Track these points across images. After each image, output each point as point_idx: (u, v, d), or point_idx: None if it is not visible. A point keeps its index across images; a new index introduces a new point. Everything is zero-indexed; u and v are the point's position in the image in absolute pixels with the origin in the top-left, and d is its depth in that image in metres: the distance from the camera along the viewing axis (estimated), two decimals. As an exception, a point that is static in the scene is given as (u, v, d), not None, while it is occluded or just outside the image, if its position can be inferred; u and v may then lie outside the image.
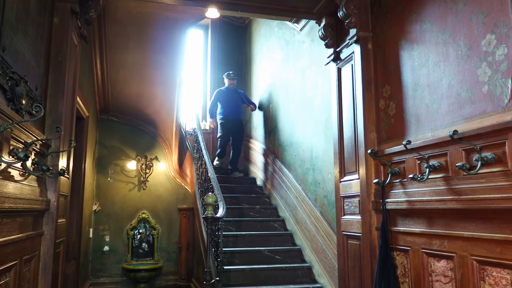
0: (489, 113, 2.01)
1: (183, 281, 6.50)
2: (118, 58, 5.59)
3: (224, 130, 6.61)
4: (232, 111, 6.58)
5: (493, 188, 1.90)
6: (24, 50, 2.29)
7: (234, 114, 6.60)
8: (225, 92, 6.67)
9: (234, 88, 6.68)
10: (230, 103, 6.59)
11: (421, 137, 2.47)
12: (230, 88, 6.66)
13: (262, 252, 4.59)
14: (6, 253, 2.02)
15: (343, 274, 3.20)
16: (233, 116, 6.58)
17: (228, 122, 6.55)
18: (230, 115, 6.56)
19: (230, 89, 6.66)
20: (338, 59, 3.39)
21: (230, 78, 6.67)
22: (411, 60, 2.65)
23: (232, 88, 6.67)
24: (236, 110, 6.63)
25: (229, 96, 6.63)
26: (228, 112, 6.57)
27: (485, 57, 2.04)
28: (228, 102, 6.60)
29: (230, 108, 6.56)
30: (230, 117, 6.55)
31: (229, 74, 6.70)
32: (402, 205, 2.54)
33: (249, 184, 6.43)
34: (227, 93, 6.65)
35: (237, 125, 6.64)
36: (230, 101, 6.60)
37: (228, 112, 6.57)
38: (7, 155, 1.96)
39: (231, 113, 6.57)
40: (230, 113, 6.57)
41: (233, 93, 6.65)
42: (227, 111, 6.58)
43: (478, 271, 2.02)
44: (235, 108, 6.62)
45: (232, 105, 6.58)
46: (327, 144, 4.12)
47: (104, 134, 6.87)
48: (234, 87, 6.69)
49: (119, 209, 6.75)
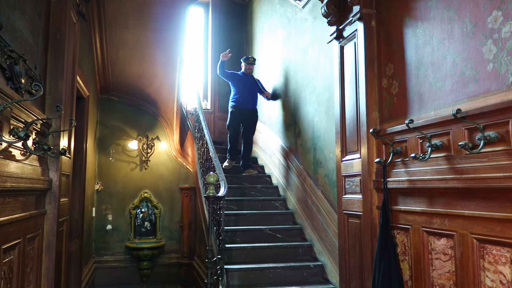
0: (493, 91, 1.98)
1: (185, 259, 6.60)
2: (118, 36, 5.52)
3: (235, 119, 5.88)
4: (247, 99, 5.90)
5: (495, 167, 1.90)
6: (22, 28, 2.25)
7: (248, 102, 5.92)
8: (241, 77, 5.99)
9: (251, 75, 6.07)
10: (245, 89, 5.92)
11: (423, 116, 2.45)
12: (247, 74, 6.01)
13: (263, 230, 4.63)
14: (9, 232, 2.04)
15: (344, 252, 3.23)
16: (248, 104, 5.91)
17: (241, 111, 5.87)
18: (244, 103, 5.88)
19: (247, 75, 6.00)
20: (340, 37, 3.34)
21: (248, 63, 6.00)
22: (415, 38, 2.60)
23: (249, 74, 6.03)
24: (251, 98, 5.96)
25: (245, 82, 5.95)
26: (243, 99, 5.88)
27: (491, 34, 2.00)
28: (244, 88, 5.92)
29: (245, 95, 5.88)
30: (243, 105, 5.87)
31: (248, 58, 6.04)
32: (403, 184, 2.54)
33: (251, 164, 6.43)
34: (244, 78, 5.98)
35: (251, 115, 5.95)
36: (245, 88, 5.93)
37: (243, 99, 5.88)
38: (7, 134, 1.96)
39: (246, 101, 5.89)
40: (244, 100, 5.89)
41: (250, 80, 6.01)
42: (242, 98, 5.88)
43: (478, 249, 2.03)
44: (251, 96, 5.96)
45: (247, 92, 5.92)
46: (329, 123, 4.10)
47: (105, 114, 6.85)
48: (251, 73, 6.07)
49: (121, 189, 6.80)
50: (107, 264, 6.53)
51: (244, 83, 5.94)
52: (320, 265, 4.15)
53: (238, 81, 5.96)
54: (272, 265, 4.07)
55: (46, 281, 2.63)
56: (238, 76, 6.01)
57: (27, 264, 2.33)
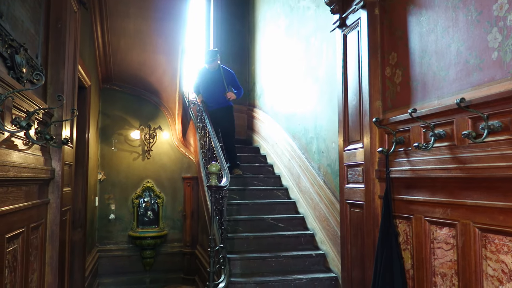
0: (497, 80, 1.96)
1: (188, 248, 6.64)
2: (119, 25, 5.49)
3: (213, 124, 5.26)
4: (214, 97, 5.47)
5: (499, 157, 1.89)
6: (22, 17, 2.24)
7: (217, 100, 5.48)
8: (206, 75, 5.46)
9: (218, 69, 5.46)
10: (210, 87, 5.46)
11: (427, 105, 2.44)
12: (212, 70, 5.46)
13: (265, 220, 4.65)
14: (13, 221, 2.05)
15: (345, 241, 3.24)
16: (217, 103, 5.47)
17: (212, 113, 5.42)
18: (212, 103, 5.48)
19: (212, 71, 5.46)
20: (344, 26, 3.30)
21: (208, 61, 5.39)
22: (419, 26, 2.58)
23: (214, 69, 5.45)
24: (219, 95, 5.46)
25: (210, 79, 5.41)
26: (210, 99, 5.48)
27: (496, 22, 1.98)
28: (209, 86, 5.46)
29: (212, 94, 5.46)
30: (213, 106, 5.47)
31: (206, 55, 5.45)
32: (406, 173, 2.54)
33: (253, 154, 6.43)
34: (208, 75, 5.44)
35: (225, 113, 5.47)
36: (210, 85, 5.45)
37: (210, 99, 5.48)
38: (9, 124, 1.95)
39: (214, 100, 5.49)
40: (213, 100, 5.49)
41: (215, 75, 5.45)
42: (209, 99, 5.49)
43: (480, 239, 2.03)
44: (218, 92, 5.45)
45: (213, 90, 5.45)
46: (331, 113, 4.09)
47: (107, 104, 6.85)
48: (216, 67, 5.45)
49: (124, 178, 6.82)
50: (111, 253, 6.58)
51: (209, 80, 5.46)
52: (322, 254, 4.17)
53: (204, 80, 5.51)
54: (274, 254, 4.09)
55: (50, 269, 2.65)
56: (202, 74, 5.53)
57: (31, 253, 2.35)
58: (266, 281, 3.71)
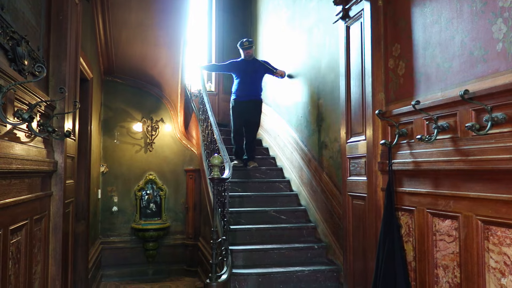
0: (502, 72, 1.95)
1: (190, 240, 6.67)
2: (120, 17, 5.46)
3: (236, 115, 5.33)
4: (247, 89, 5.32)
5: (502, 149, 1.88)
6: (23, 8, 2.23)
7: (249, 93, 5.34)
8: (241, 65, 5.37)
9: (253, 59, 5.45)
10: (245, 78, 5.32)
11: (430, 97, 2.42)
12: (247, 60, 5.40)
13: (267, 212, 4.66)
14: (16, 213, 2.06)
15: (348, 234, 3.25)
16: (248, 95, 5.34)
17: (241, 104, 5.33)
18: (243, 95, 5.31)
19: (247, 61, 5.40)
20: (346, 17, 3.28)
21: (244, 48, 5.37)
22: (423, 17, 2.55)
23: (249, 59, 5.41)
24: (253, 87, 5.35)
25: (246, 70, 5.31)
26: (242, 91, 5.30)
27: (501, 13, 1.96)
28: (244, 77, 5.32)
29: (245, 86, 5.30)
30: (243, 97, 5.31)
31: (242, 43, 5.41)
32: (409, 166, 2.53)
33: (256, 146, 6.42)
34: (244, 66, 5.34)
35: (253, 107, 5.34)
36: (246, 76, 5.32)
37: (242, 91, 5.30)
38: (11, 116, 1.95)
39: (246, 92, 5.32)
40: (244, 92, 5.31)
41: (252, 65, 5.37)
42: (241, 90, 5.32)
43: (483, 231, 2.03)
44: (252, 84, 5.35)
45: (247, 81, 5.33)
46: (334, 105, 4.07)
47: (109, 96, 6.83)
48: (251, 57, 5.45)
49: (127, 171, 6.83)
50: (114, 245, 6.61)
51: (245, 71, 5.37)
52: (324, 246, 4.18)
53: (238, 70, 5.42)
54: (276, 246, 4.11)
55: (54, 261, 2.67)
56: (237, 65, 5.48)
57: (34, 244, 2.36)
58: (268, 273, 3.73)
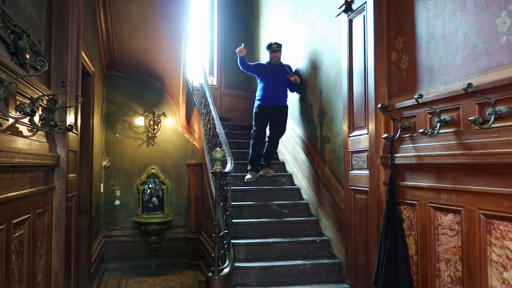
0: (505, 65, 1.93)
1: (192, 233, 6.70)
2: (122, 10, 5.44)
3: (259, 121, 5.03)
4: (273, 94, 5.04)
5: (505, 143, 1.87)
6: (25, 2, 2.22)
7: (275, 98, 5.05)
8: (267, 69, 5.12)
9: (279, 63, 5.13)
10: (271, 83, 5.06)
11: (433, 91, 2.41)
12: (274, 64, 5.12)
13: (269, 206, 4.66)
14: (19, 207, 2.07)
15: (350, 227, 3.25)
16: (274, 100, 5.04)
17: (266, 110, 5.04)
18: (269, 100, 5.03)
19: (274, 65, 5.12)
20: (349, 10, 3.26)
21: (272, 50, 5.09)
22: (426, 10, 2.53)
23: (276, 63, 5.12)
24: (279, 92, 5.07)
25: (271, 74, 5.07)
26: (268, 95, 5.03)
27: (505, 6, 1.94)
28: (269, 82, 5.07)
29: (270, 90, 5.04)
30: (269, 102, 5.03)
31: (270, 45, 5.11)
32: (411, 160, 2.52)
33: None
34: (269, 70, 5.09)
35: (279, 112, 5.05)
36: (271, 81, 5.06)
37: (268, 95, 5.03)
38: (13, 110, 1.95)
39: (272, 97, 5.03)
40: (270, 96, 5.03)
41: (277, 70, 5.09)
42: (267, 94, 5.04)
43: (485, 225, 2.03)
44: (278, 89, 5.07)
45: (273, 86, 5.05)
46: (336, 98, 4.06)
47: (111, 90, 6.83)
48: (278, 61, 5.13)
49: (129, 165, 6.85)
50: (116, 239, 6.65)
51: (270, 75, 5.08)
52: (326, 240, 4.19)
53: (263, 74, 5.14)
54: (279, 240, 4.12)
55: (57, 254, 2.68)
56: (263, 68, 5.18)
57: (37, 238, 2.37)
58: (270, 266, 3.74)
